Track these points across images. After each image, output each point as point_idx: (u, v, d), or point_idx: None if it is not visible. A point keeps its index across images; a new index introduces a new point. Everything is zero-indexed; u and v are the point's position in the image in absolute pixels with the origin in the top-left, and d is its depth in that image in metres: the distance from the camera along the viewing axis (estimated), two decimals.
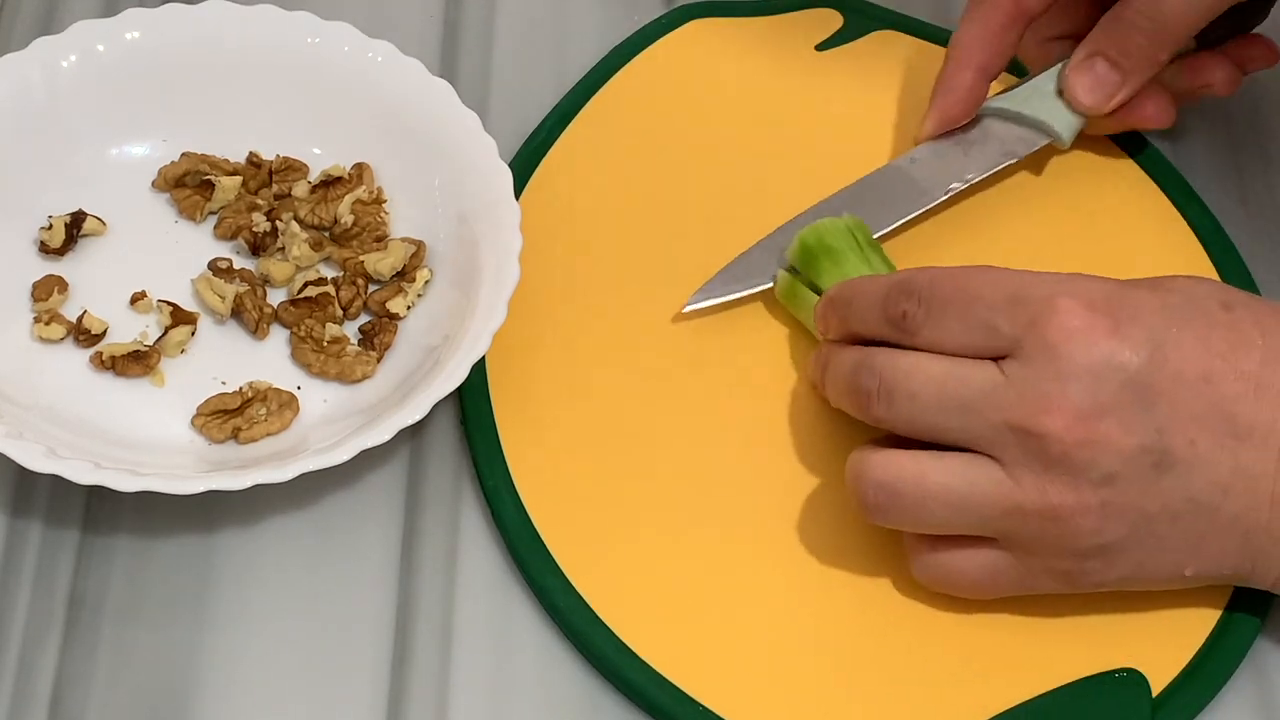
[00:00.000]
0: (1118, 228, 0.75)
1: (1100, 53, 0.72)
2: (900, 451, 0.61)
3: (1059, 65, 0.74)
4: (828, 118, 0.77)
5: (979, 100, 0.74)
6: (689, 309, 0.70)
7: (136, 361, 0.67)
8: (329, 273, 0.71)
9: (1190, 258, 0.74)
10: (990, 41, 0.72)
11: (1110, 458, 0.58)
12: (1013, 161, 0.74)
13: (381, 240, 0.71)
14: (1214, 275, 0.73)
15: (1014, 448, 0.58)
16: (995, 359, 0.59)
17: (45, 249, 0.70)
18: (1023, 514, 0.59)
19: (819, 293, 0.67)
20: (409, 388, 0.65)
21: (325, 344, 0.68)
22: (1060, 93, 0.74)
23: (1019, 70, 0.77)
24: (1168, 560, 0.60)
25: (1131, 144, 0.77)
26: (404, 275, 0.70)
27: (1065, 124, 0.74)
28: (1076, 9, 0.74)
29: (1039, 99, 0.74)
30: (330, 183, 0.72)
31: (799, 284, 0.69)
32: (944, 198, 0.73)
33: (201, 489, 0.61)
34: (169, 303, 0.69)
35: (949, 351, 0.60)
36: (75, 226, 0.70)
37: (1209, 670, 0.62)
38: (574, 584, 0.63)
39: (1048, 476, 0.58)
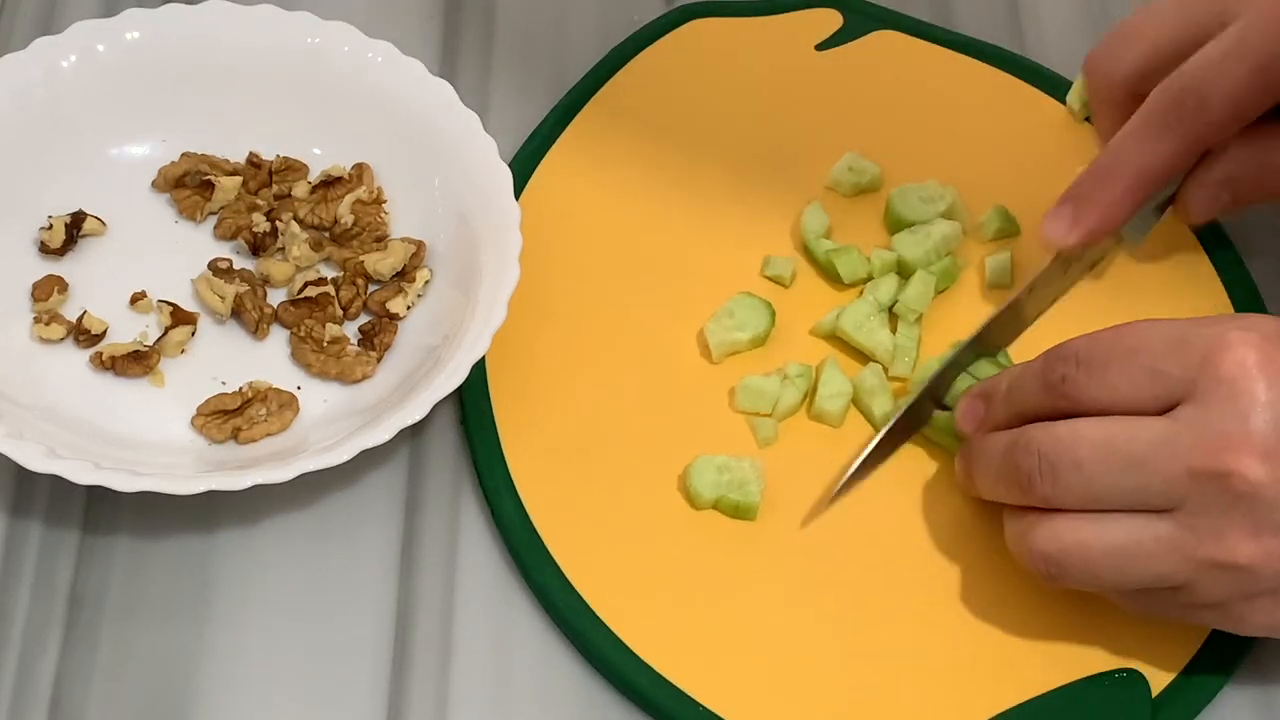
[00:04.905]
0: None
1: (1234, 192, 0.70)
2: (1062, 519, 0.59)
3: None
4: (828, 118, 0.77)
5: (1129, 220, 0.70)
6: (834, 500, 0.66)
7: (136, 361, 0.67)
8: (329, 273, 0.71)
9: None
10: (1171, 164, 0.68)
11: None
12: (1089, 274, 0.72)
13: (381, 240, 0.71)
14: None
15: (1194, 495, 0.57)
16: (1162, 411, 0.58)
17: (45, 249, 0.70)
18: (1198, 565, 0.57)
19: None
20: (409, 388, 0.65)
21: (325, 344, 0.68)
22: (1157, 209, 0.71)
23: None
24: None
25: None
26: (404, 275, 0.70)
27: (1144, 230, 0.71)
28: None
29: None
30: (330, 183, 0.72)
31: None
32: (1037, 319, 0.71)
33: (201, 489, 0.61)
34: (169, 303, 0.69)
35: (1117, 409, 0.58)
36: (75, 226, 0.70)
37: (1209, 670, 0.62)
38: (574, 584, 0.63)
39: (1228, 521, 0.57)
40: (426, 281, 0.70)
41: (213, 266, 0.70)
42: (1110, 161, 0.69)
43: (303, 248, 0.70)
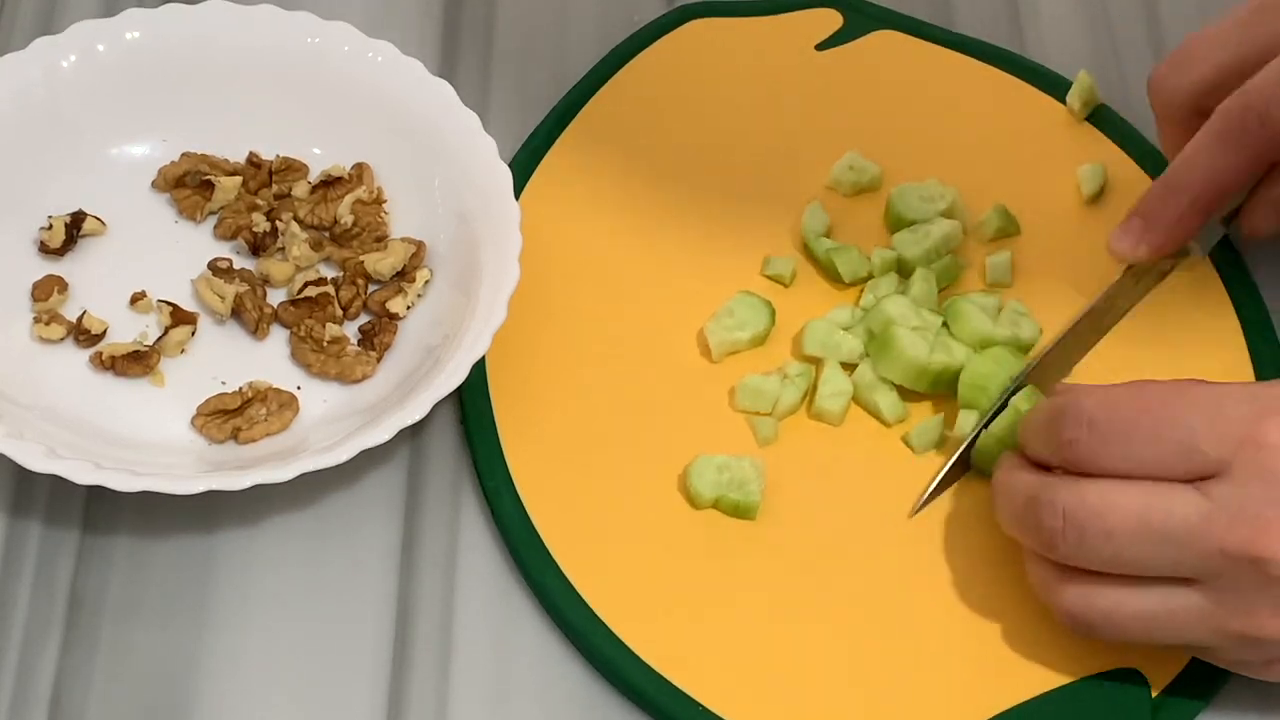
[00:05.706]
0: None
1: None
2: (1091, 581, 0.59)
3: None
4: (828, 118, 0.77)
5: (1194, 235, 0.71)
6: (916, 514, 0.66)
7: (136, 361, 0.67)
8: (329, 273, 0.71)
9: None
10: (1235, 179, 0.69)
11: None
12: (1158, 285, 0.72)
13: (381, 240, 0.71)
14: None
15: (1225, 575, 0.57)
16: (1190, 480, 0.57)
17: (45, 249, 0.70)
18: (1226, 635, 0.58)
19: None
20: (409, 388, 0.65)
21: (325, 344, 0.68)
22: (1225, 220, 0.72)
23: None
24: None
25: None
26: (404, 275, 0.70)
27: (1210, 242, 0.72)
28: None
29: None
30: (330, 183, 0.72)
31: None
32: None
33: (201, 489, 0.61)
34: (169, 303, 0.69)
35: (1137, 476, 0.58)
36: (75, 226, 0.70)
37: (1209, 670, 0.62)
38: (574, 584, 0.63)
39: (1260, 599, 0.57)
40: (426, 281, 0.70)
41: (213, 266, 0.70)
42: (1176, 177, 0.70)
43: (303, 248, 0.70)
